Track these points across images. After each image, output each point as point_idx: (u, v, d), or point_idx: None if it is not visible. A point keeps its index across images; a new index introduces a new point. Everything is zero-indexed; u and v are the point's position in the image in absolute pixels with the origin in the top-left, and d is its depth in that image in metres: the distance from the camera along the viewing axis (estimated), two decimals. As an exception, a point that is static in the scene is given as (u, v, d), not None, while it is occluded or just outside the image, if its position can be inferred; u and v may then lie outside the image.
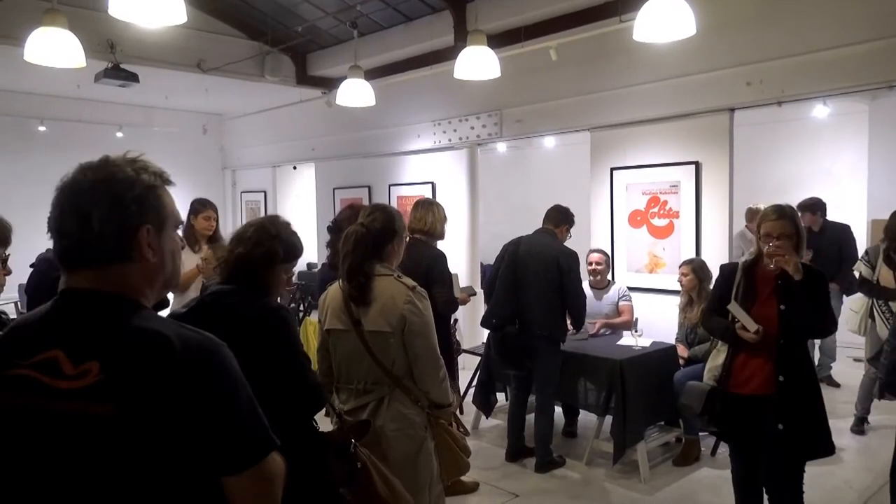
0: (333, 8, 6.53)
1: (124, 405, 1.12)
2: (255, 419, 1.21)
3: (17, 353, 1.19)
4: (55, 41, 3.84)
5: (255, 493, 1.21)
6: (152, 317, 1.22)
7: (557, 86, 5.97)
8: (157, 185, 1.25)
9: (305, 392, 2.12)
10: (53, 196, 1.21)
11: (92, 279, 1.20)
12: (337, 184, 8.56)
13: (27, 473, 1.18)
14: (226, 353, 1.20)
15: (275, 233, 2.22)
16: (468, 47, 4.34)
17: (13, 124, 8.04)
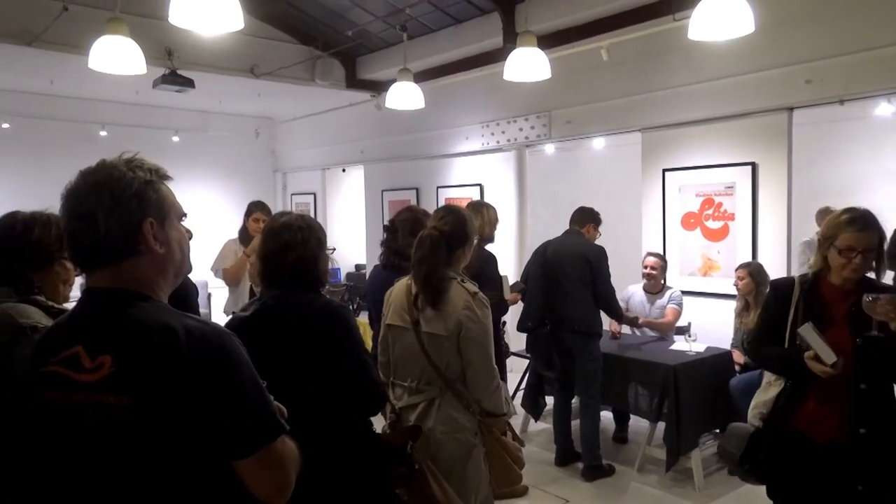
0: (383, 12, 6.58)
1: (137, 395, 1.19)
2: (261, 404, 1.26)
3: (49, 351, 1.28)
4: (118, 49, 3.97)
5: (266, 476, 1.26)
6: (161, 309, 1.28)
7: (608, 86, 5.89)
8: (154, 180, 1.30)
9: (369, 391, 2.14)
10: (61, 206, 1.29)
11: (107, 277, 1.28)
12: (385, 186, 8.62)
13: (58, 462, 1.27)
14: (230, 341, 1.25)
15: (307, 224, 2.25)
16: (518, 48, 4.31)
17: (77, 130, 8.35)
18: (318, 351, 2.08)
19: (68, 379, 1.23)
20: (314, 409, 2.05)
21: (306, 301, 2.13)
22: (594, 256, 4.41)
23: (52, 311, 1.82)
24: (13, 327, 1.70)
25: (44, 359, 1.28)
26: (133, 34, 4.05)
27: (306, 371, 2.08)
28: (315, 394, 2.07)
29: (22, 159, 7.95)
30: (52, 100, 8.07)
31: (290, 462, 1.31)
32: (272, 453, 1.26)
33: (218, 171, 9.25)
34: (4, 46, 5.73)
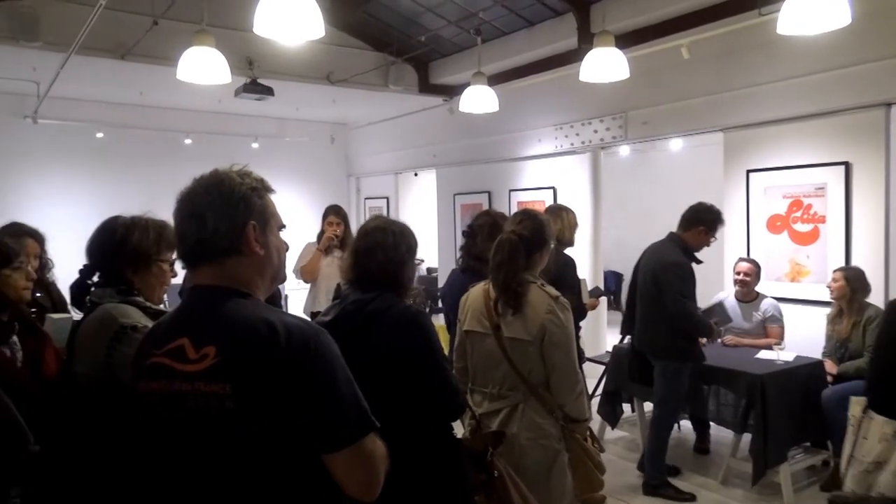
0: (455, 16, 6.60)
1: (237, 385, 1.25)
2: (354, 400, 1.31)
3: (154, 344, 1.36)
4: (204, 60, 4.13)
5: (356, 472, 1.31)
6: (261, 306, 1.37)
7: (688, 85, 5.71)
8: (259, 188, 1.41)
9: (447, 397, 2.13)
10: (175, 208, 1.39)
11: (211, 275, 1.37)
12: (457, 189, 8.64)
13: (161, 447, 1.36)
14: (325, 338, 1.32)
15: (400, 230, 2.25)
16: (595, 49, 4.23)
17: (164, 138, 8.75)
18: (395, 357, 2.08)
19: (172, 369, 1.31)
20: (392, 415, 2.04)
21: (385, 306, 2.14)
22: (663, 275, 4.01)
23: (150, 312, 1.91)
24: (115, 326, 1.79)
25: (150, 351, 1.37)
26: (217, 45, 4.21)
27: (384, 376, 2.09)
28: (393, 400, 2.08)
29: (114, 167, 8.37)
30: (142, 110, 8.48)
31: (380, 459, 1.35)
32: (362, 449, 1.30)
33: (294, 176, 9.49)
34: (100, 60, 6.05)
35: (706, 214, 4.19)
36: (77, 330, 1.92)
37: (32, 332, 2.15)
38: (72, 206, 7.70)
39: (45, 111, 7.59)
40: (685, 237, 4.18)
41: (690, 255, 4.14)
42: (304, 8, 3.01)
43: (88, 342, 1.83)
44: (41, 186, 7.93)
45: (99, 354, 1.78)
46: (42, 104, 7.39)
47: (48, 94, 6.94)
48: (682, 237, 4.19)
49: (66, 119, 7.99)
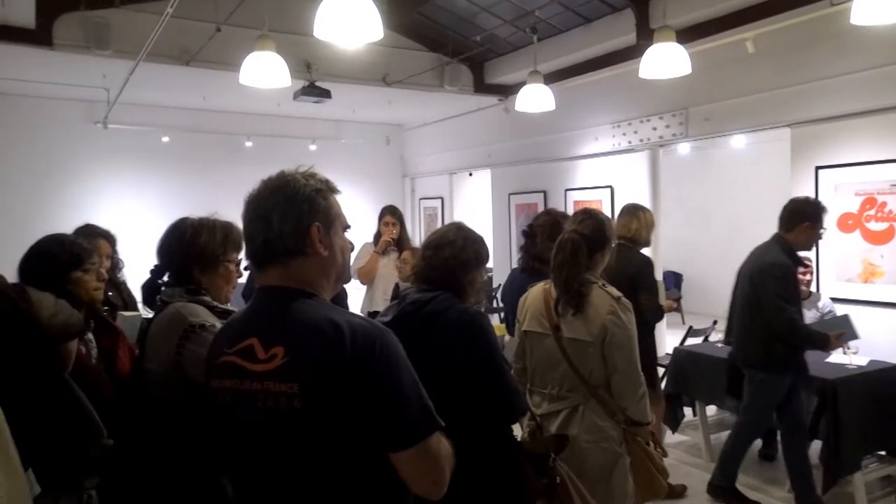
0: (511, 15, 6.57)
1: (305, 384, 1.27)
2: (419, 400, 1.32)
3: (226, 343, 1.39)
4: (265, 64, 4.22)
5: (421, 471, 1.32)
6: (327, 306, 1.38)
7: (753, 79, 5.52)
8: (324, 189, 1.42)
9: (506, 398, 2.11)
10: (243, 210, 1.41)
11: (278, 276, 1.39)
12: (512, 189, 8.60)
13: (236, 443, 1.39)
14: (390, 338, 1.33)
15: (473, 237, 2.26)
16: (655, 44, 4.14)
17: (225, 141, 9.00)
18: (454, 358, 2.07)
19: (242, 368, 1.34)
20: (450, 417, 2.04)
21: (444, 307, 2.13)
22: (759, 276, 3.76)
23: (217, 311, 1.95)
24: (184, 325, 1.84)
25: (221, 350, 1.40)
26: (277, 49, 4.29)
27: (443, 378, 2.08)
28: (451, 401, 2.07)
29: (179, 169, 8.67)
30: (205, 114, 8.74)
31: (445, 458, 1.35)
32: (428, 448, 1.31)
33: (351, 177, 9.59)
34: (166, 67, 6.26)
35: (807, 207, 3.86)
36: (148, 328, 1.99)
37: (107, 330, 2.23)
38: (140, 208, 8.01)
39: (114, 117, 7.91)
40: (789, 238, 3.86)
41: (794, 257, 3.81)
42: (363, 11, 3.04)
43: (159, 340, 1.89)
44: (111, 189, 8.27)
45: (169, 352, 1.83)
46: (111, 110, 7.70)
47: (117, 100, 7.23)
48: (784, 238, 3.87)
49: (134, 124, 8.31)
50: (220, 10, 5.31)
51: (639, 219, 3.97)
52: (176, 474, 1.82)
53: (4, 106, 7.69)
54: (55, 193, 7.86)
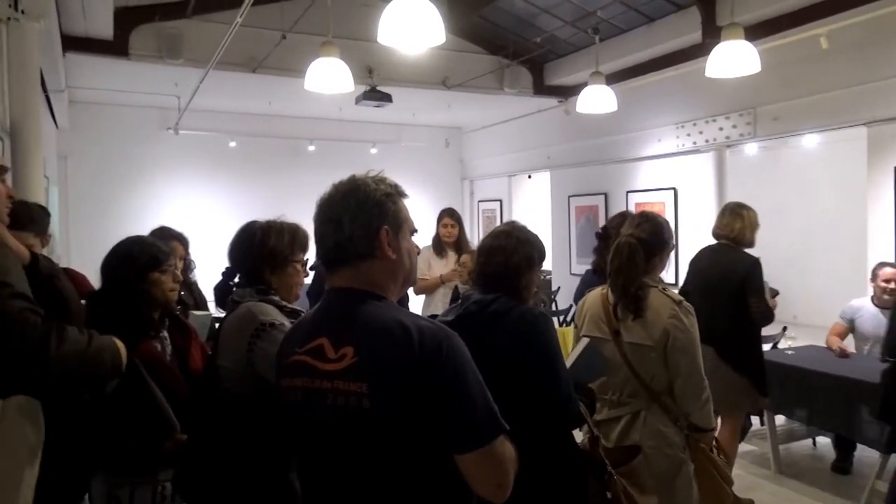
0: (572, 16, 6.51)
1: (374, 384, 1.29)
2: (485, 402, 1.33)
3: (297, 343, 1.42)
4: (329, 70, 4.31)
5: (486, 473, 1.33)
6: (395, 308, 1.42)
7: (826, 77, 5.31)
8: (393, 193, 1.46)
9: (559, 405, 2.09)
10: (315, 213, 1.44)
11: (347, 277, 1.40)
12: (572, 191, 8.51)
13: (306, 440, 1.43)
14: (457, 341, 1.35)
15: (525, 237, 2.24)
16: (723, 42, 4.02)
17: (289, 146, 9.22)
18: (513, 358, 2.06)
19: (313, 367, 1.38)
20: (512, 419, 2.03)
21: (507, 308, 2.12)
22: None
23: (286, 310, 2.01)
24: (255, 324, 1.91)
25: (292, 349, 1.44)
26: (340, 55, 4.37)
27: (504, 378, 2.07)
28: (513, 403, 2.06)
29: (246, 173, 8.93)
30: (269, 119, 8.98)
31: (509, 461, 1.36)
32: (493, 451, 1.32)
33: (410, 180, 9.53)
34: (233, 74, 6.47)
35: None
36: (221, 327, 2.06)
37: (181, 329, 2.32)
38: (209, 210, 8.29)
39: (184, 123, 8.21)
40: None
41: None
42: (426, 16, 3.07)
43: (231, 338, 1.96)
44: (182, 192, 8.58)
45: (241, 349, 1.90)
46: (182, 116, 8.00)
47: (188, 106, 7.50)
48: None
49: (203, 129, 8.61)
50: (286, 19, 5.45)
51: (742, 218, 3.85)
52: (246, 469, 1.89)
53: (84, 114, 8.08)
54: (130, 197, 8.21)
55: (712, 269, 3.88)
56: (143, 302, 2.13)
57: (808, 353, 4.77)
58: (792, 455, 4.34)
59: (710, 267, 3.91)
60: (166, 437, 2.07)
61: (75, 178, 8.04)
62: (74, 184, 8.03)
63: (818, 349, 4.81)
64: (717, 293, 3.77)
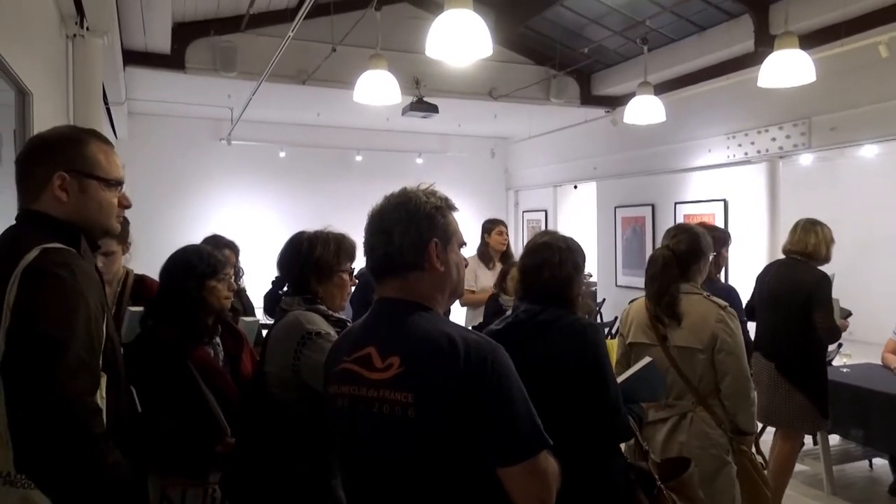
0: (621, 26, 6.46)
1: (420, 394, 1.30)
2: (529, 417, 1.34)
3: (345, 351, 1.45)
4: (378, 82, 4.37)
5: (529, 487, 1.34)
6: (441, 320, 1.41)
7: (885, 86, 5.14)
8: (443, 206, 1.48)
9: (607, 416, 2.08)
10: (366, 223, 1.46)
11: (396, 288, 1.42)
12: (618, 202, 8.41)
13: (352, 447, 1.45)
14: (502, 354, 1.36)
15: (566, 246, 2.23)
16: (776, 51, 3.94)
17: (337, 156, 9.37)
18: (562, 368, 2.07)
19: (360, 375, 1.40)
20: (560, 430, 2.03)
21: (556, 317, 2.13)
22: None
23: (331, 319, 2.05)
24: (302, 332, 1.95)
25: (340, 358, 1.47)
26: (388, 67, 4.44)
27: (552, 388, 2.07)
28: (561, 414, 2.06)
29: (295, 183, 9.11)
30: (318, 130, 9.15)
31: (552, 476, 1.36)
32: (536, 465, 1.33)
33: (456, 190, 9.52)
34: (284, 86, 6.62)
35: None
36: (269, 334, 2.12)
37: (233, 335, 2.39)
38: (259, 218, 8.49)
39: (236, 133, 8.44)
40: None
41: None
42: (474, 29, 3.09)
43: (278, 345, 2.01)
44: (233, 201, 8.81)
45: (287, 357, 1.95)
46: (235, 127, 8.22)
47: (241, 118, 7.71)
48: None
49: (254, 140, 8.83)
50: (336, 32, 5.56)
51: (816, 234, 3.84)
52: (290, 474, 1.92)
53: (142, 125, 8.38)
54: (184, 205, 8.46)
55: (779, 282, 3.85)
56: (200, 308, 2.21)
57: (864, 371, 4.61)
58: (847, 476, 4.19)
59: (777, 280, 3.88)
60: (217, 441, 2.12)
61: (132, 186, 8.31)
62: (132, 192, 8.05)
63: (874, 367, 4.64)
64: (782, 307, 3.75)
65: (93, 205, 1.56)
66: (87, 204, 1.55)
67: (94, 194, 1.55)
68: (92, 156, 1.56)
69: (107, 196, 1.59)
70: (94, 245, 1.62)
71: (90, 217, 1.56)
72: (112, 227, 1.64)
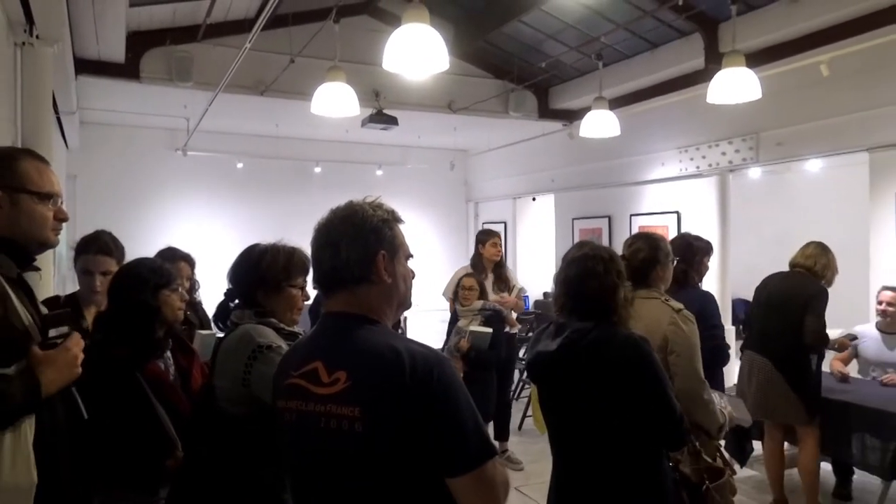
0: (577, 42, 6.60)
1: (367, 408, 1.31)
2: (475, 427, 1.34)
3: (293, 365, 1.44)
4: (336, 94, 4.38)
5: (477, 496, 1.34)
6: (388, 333, 1.43)
7: (828, 103, 5.36)
8: (390, 219, 1.48)
9: (671, 426, 2.17)
10: (312, 237, 1.47)
11: (343, 302, 1.43)
12: (576, 214, 8.55)
13: (299, 462, 1.45)
14: (448, 365, 1.36)
15: (608, 256, 2.27)
16: (724, 69, 4.09)
17: (296, 167, 9.32)
18: (620, 385, 2.13)
19: (307, 391, 1.40)
20: (619, 443, 2.16)
21: (609, 335, 2.17)
22: None
23: (283, 333, 2.03)
24: (252, 345, 1.93)
25: (287, 372, 1.46)
26: (347, 79, 4.45)
27: (610, 405, 2.15)
28: (619, 428, 2.15)
29: (253, 194, 9.01)
30: (276, 141, 9.07)
31: (501, 484, 1.37)
32: (483, 475, 1.33)
33: (415, 202, 9.79)
34: (242, 97, 6.57)
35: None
36: (219, 347, 2.09)
37: (184, 349, 2.36)
38: (216, 231, 8.36)
39: (192, 144, 8.32)
40: None
41: None
42: (431, 43, 3.13)
43: (229, 359, 1.98)
44: (189, 213, 8.67)
45: (238, 371, 1.92)
46: (191, 138, 8.10)
47: (196, 128, 7.61)
48: None
49: (212, 151, 8.71)
50: (295, 43, 5.55)
51: (828, 257, 4.13)
52: (240, 488, 1.91)
53: (96, 135, 8.19)
54: (139, 217, 8.27)
55: (781, 287, 4.13)
56: (154, 320, 2.17)
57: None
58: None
59: (778, 286, 4.16)
60: (167, 455, 2.09)
61: (84, 197, 8.12)
62: (83, 203, 8.10)
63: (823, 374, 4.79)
64: (779, 309, 4.02)
65: (24, 218, 1.61)
66: (20, 217, 1.60)
67: (25, 207, 1.61)
68: (23, 171, 1.61)
69: (39, 209, 1.63)
70: (29, 258, 1.66)
71: (23, 230, 1.61)
72: (48, 240, 1.68)
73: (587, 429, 2.20)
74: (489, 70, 7.67)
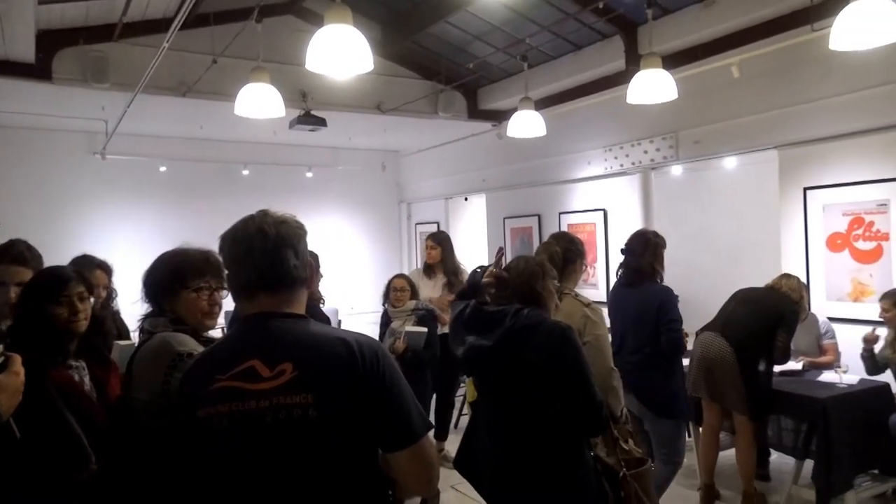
0: (503, 43, 6.69)
1: (320, 394, 1.38)
2: (414, 404, 1.48)
3: (216, 370, 1.45)
4: (260, 95, 4.31)
5: (418, 468, 1.46)
6: (325, 325, 1.56)
7: (740, 103, 5.62)
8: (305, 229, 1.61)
9: (593, 413, 2.32)
10: (248, 242, 1.51)
11: (280, 302, 1.51)
12: (507, 213, 8.67)
13: (238, 464, 1.42)
14: (386, 350, 1.53)
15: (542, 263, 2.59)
16: (642, 71, 4.23)
17: (222, 170, 9.08)
18: (547, 370, 2.29)
19: (243, 390, 1.42)
20: (546, 428, 2.32)
21: (537, 321, 2.35)
22: None
23: (201, 339, 1.98)
24: (172, 354, 1.87)
25: (212, 377, 1.45)
26: (272, 80, 4.38)
27: (535, 389, 2.31)
28: (549, 413, 2.31)
29: (177, 198, 8.72)
30: (202, 143, 8.83)
31: (435, 456, 1.51)
32: (423, 448, 1.45)
33: (347, 203, 9.72)
34: (163, 98, 6.36)
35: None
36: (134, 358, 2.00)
37: (99, 360, 2.27)
38: (139, 237, 8.05)
39: (112, 147, 8.00)
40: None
41: None
42: (354, 44, 3.12)
43: (146, 369, 1.90)
44: (109, 219, 8.32)
45: (156, 381, 1.84)
46: (110, 141, 7.79)
47: (115, 131, 7.32)
48: None
49: (132, 154, 8.39)
50: (217, 43, 5.42)
51: (802, 287, 4.51)
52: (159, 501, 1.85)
53: (6, 138, 7.77)
54: (55, 224, 7.87)
55: (761, 294, 4.37)
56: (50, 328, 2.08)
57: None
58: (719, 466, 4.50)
59: (759, 292, 4.40)
60: (81, 468, 2.00)
61: (-5, 204, 7.71)
62: None
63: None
64: (754, 306, 4.24)
65: None
66: None
67: None
68: None
69: None
70: None
71: None
72: None
73: (521, 417, 2.33)
74: (418, 71, 7.68)
